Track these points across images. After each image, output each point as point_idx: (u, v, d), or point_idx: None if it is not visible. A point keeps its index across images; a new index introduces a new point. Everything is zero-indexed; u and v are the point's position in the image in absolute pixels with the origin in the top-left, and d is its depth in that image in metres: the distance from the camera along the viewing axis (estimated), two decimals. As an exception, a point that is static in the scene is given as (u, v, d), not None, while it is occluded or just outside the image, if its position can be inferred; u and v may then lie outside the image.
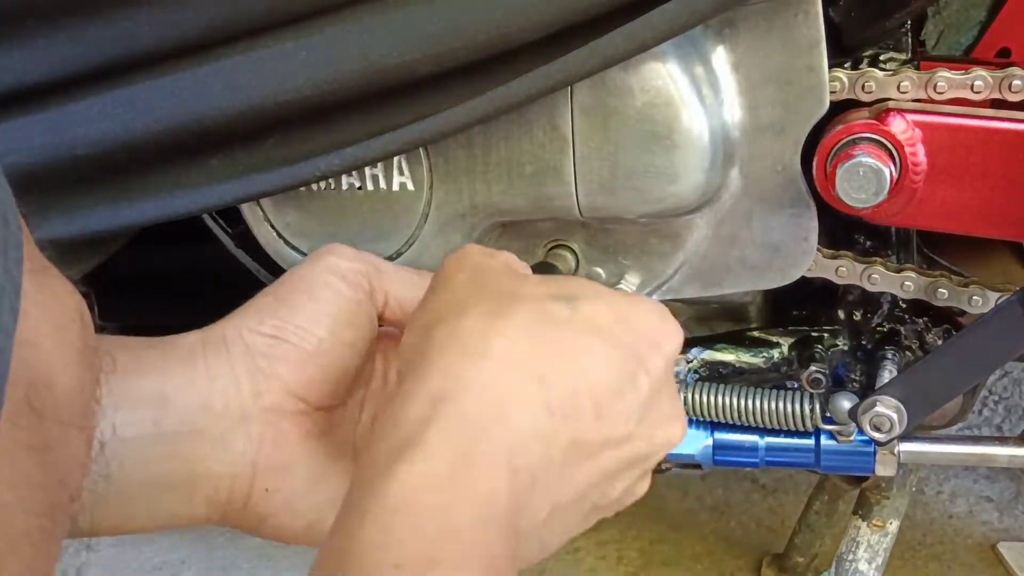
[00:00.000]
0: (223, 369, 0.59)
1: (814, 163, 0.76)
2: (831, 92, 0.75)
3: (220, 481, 0.58)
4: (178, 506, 0.57)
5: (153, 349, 0.60)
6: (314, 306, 0.60)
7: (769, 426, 0.85)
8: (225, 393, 0.58)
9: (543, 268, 0.80)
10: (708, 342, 0.90)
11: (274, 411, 0.59)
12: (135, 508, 0.56)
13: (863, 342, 0.88)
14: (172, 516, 0.57)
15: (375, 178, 0.79)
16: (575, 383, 0.49)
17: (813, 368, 0.84)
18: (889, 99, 0.75)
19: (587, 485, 0.51)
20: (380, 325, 0.63)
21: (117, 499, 0.54)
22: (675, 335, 0.54)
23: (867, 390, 0.85)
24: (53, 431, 0.38)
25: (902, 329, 0.87)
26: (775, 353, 0.89)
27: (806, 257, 0.80)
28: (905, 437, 0.83)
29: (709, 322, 1.02)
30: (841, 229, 0.85)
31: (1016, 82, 0.72)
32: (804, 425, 0.84)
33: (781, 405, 0.84)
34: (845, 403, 0.82)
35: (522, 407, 0.47)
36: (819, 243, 0.80)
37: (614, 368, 0.51)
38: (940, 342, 0.86)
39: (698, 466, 0.88)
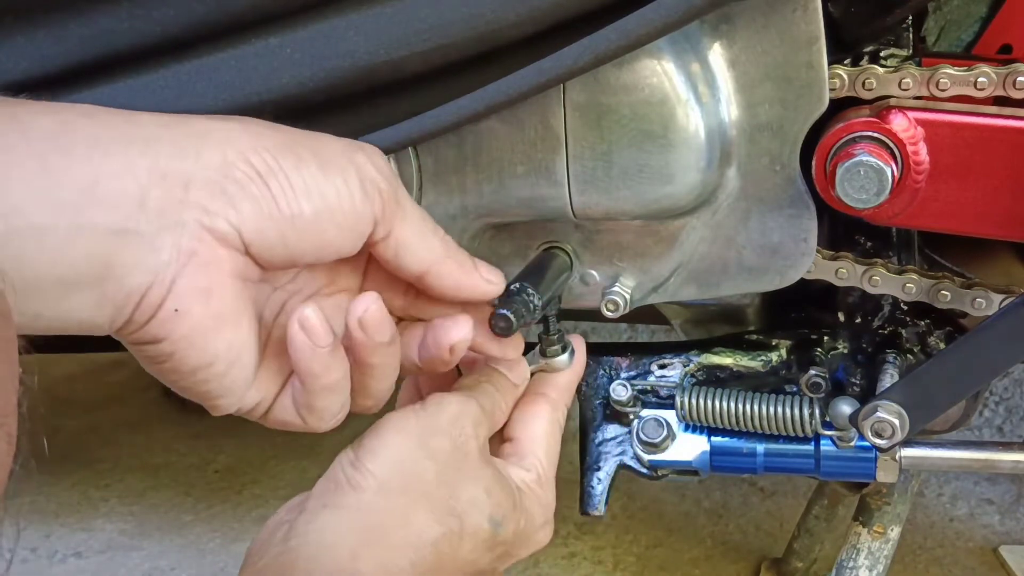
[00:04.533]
0: (181, 164, 0.55)
1: (813, 162, 0.75)
2: (831, 90, 0.73)
3: (134, 288, 0.55)
4: (84, 309, 0.54)
5: (109, 116, 0.55)
6: (317, 183, 0.58)
7: (768, 431, 0.84)
8: (170, 192, 0.55)
9: (541, 260, 0.79)
10: (705, 345, 0.90)
11: (215, 234, 0.56)
12: (37, 306, 0.52)
13: (864, 345, 0.87)
14: (75, 321, 0.54)
15: (363, 178, 0.77)
16: None
17: (812, 372, 0.83)
18: (890, 96, 0.74)
19: None
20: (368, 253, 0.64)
21: (20, 296, 0.50)
22: (547, 537, 0.73)
23: (868, 394, 0.84)
24: None
25: (903, 332, 0.87)
26: (774, 357, 0.88)
27: (805, 259, 0.79)
28: (907, 442, 0.82)
29: (706, 325, 1.01)
30: (841, 230, 0.84)
31: (1020, 79, 0.71)
32: (803, 430, 0.83)
33: (780, 410, 0.83)
34: (845, 408, 0.81)
35: None
36: (818, 244, 0.79)
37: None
38: (942, 345, 0.86)
39: (695, 472, 0.87)
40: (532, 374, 0.75)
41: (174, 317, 0.56)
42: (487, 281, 0.67)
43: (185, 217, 0.55)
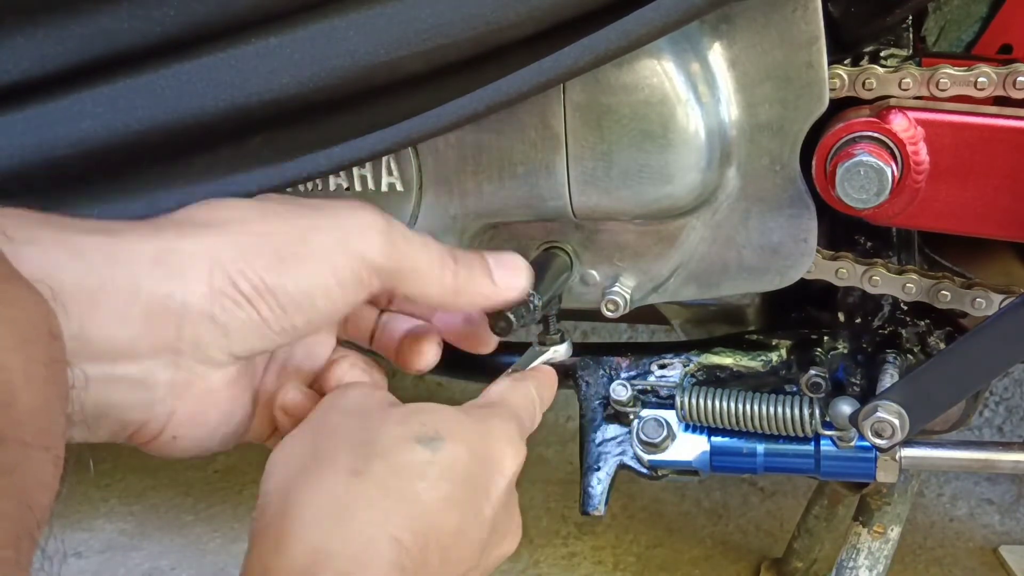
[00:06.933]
0: (169, 301, 0.54)
1: (813, 162, 0.75)
2: (831, 89, 0.73)
3: (130, 422, 0.55)
4: (77, 434, 0.53)
5: (92, 238, 0.53)
6: (308, 293, 0.57)
7: (768, 431, 0.84)
8: (161, 334, 0.54)
9: (542, 260, 0.79)
10: (705, 345, 0.89)
11: (208, 363, 0.56)
12: None
13: (864, 345, 0.87)
14: (67, 440, 0.52)
15: (363, 178, 0.78)
16: (426, 538, 0.53)
17: (812, 372, 0.83)
18: (890, 96, 0.74)
19: None
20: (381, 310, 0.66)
21: None
22: (518, 454, 0.61)
23: (868, 394, 0.84)
24: (14, 453, 0.36)
25: (903, 332, 0.86)
26: (774, 357, 0.88)
27: (805, 258, 0.79)
28: (907, 442, 0.82)
29: (706, 325, 1.01)
30: (841, 230, 0.83)
31: (1020, 79, 0.71)
32: (803, 430, 0.83)
33: (780, 410, 0.83)
34: (845, 408, 0.81)
35: (380, 571, 0.51)
36: (818, 244, 0.79)
37: (464, 510, 0.56)
38: (942, 345, 0.85)
39: (696, 473, 0.87)
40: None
41: (171, 441, 0.57)
42: (509, 288, 0.66)
43: (179, 356, 0.55)
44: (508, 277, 0.65)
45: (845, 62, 0.76)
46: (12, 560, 0.36)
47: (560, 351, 0.74)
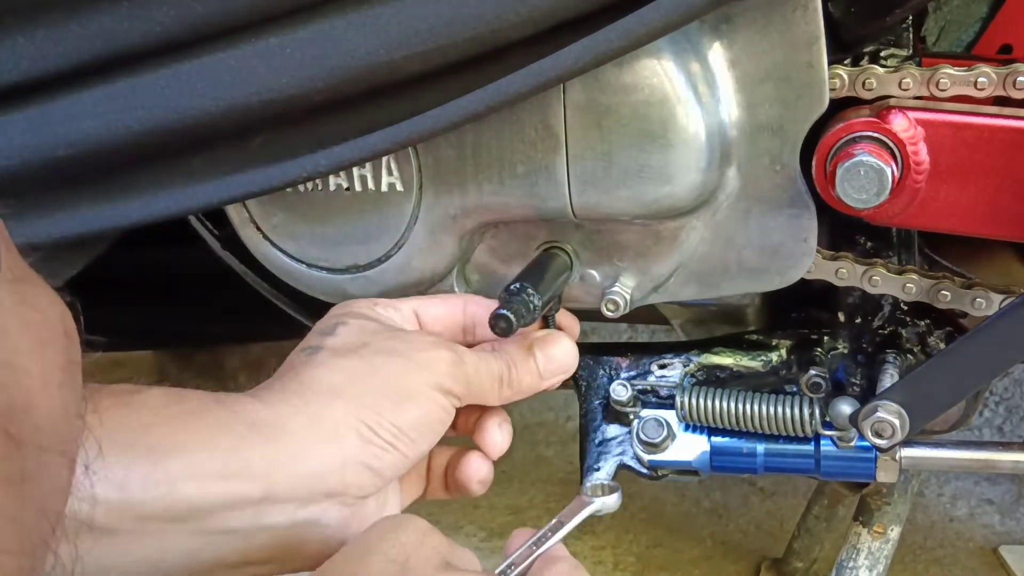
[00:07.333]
0: (333, 463, 0.65)
1: (813, 162, 0.75)
2: (831, 90, 0.73)
3: (310, 557, 0.65)
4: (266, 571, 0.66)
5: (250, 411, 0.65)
6: (423, 420, 0.68)
7: (768, 431, 0.84)
8: (331, 486, 0.65)
9: (542, 260, 0.79)
10: (705, 345, 0.89)
11: (365, 497, 0.67)
12: None
13: (864, 345, 0.87)
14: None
15: (363, 179, 0.78)
16: None
17: (812, 372, 0.83)
18: (890, 96, 0.74)
19: None
20: None
21: None
22: None
23: (868, 394, 0.84)
24: (32, 459, 0.36)
25: (903, 332, 0.86)
26: (774, 356, 0.88)
27: (805, 259, 0.79)
28: (907, 442, 0.82)
29: (706, 325, 1.01)
30: (841, 230, 0.83)
31: (1020, 79, 0.71)
32: (803, 430, 0.83)
33: (780, 410, 0.83)
34: (845, 408, 0.80)
35: None
36: (819, 244, 0.79)
37: None
38: (942, 345, 0.85)
39: (696, 472, 0.87)
40: None
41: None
42: (555, 380, 0.77)
43: (344, 497, 0.66)
44: (554, 371, 0.76)
45: (845, 62, 0.76)
46: (28, 568, 0.35)
47: (609, 503, 0.76)
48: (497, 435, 0.76)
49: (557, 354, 0.76)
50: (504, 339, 0.72)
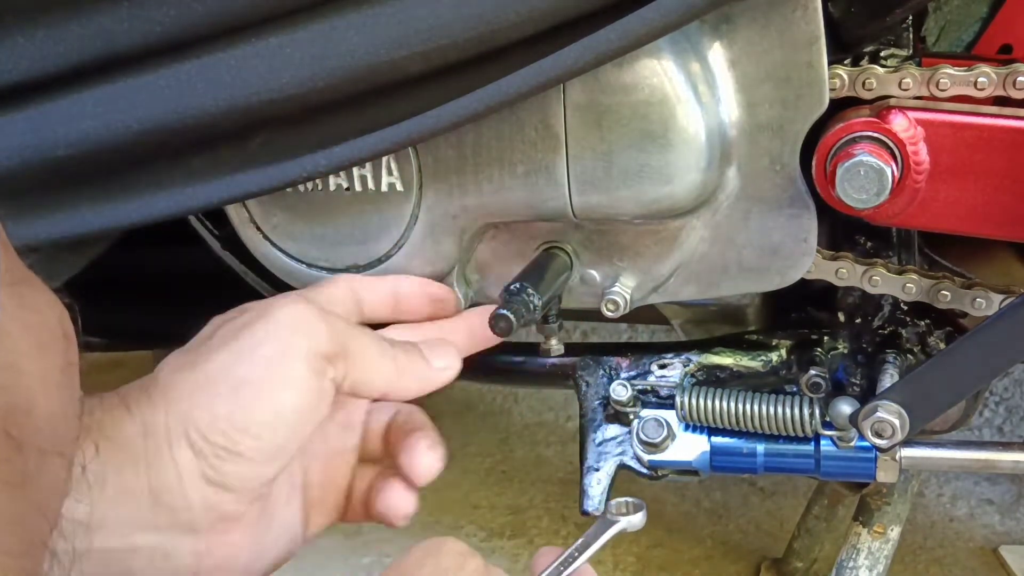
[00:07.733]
0: (168, 480, 0.55)
1: (813, 162, 0.75)
2: (831, 90, 0.73)
3: None
4: None
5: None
6: (273, 409, 0.57)
7: (768, 431, 0.84)
8: (172, 507, 0.55)
9: (542, 260, 0.78)
10: (705, 345, 0.89)
11: (225, 519, 0.57)
12: None
13: (864, 345, 0.87)
14: None
15: (363, 179, 0.78)
16: None
17: (812, 372, 0.83)
18: (890, 96, 0.74)
19: None
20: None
21: None
22: None
23: (868, 394, 0.84)
24: (32, 461, 0.36)
25: (903, 332, 0.86)
26: (774, 356, 0.88)
27: (805, 259, 0.79)
28: (907, 442, 0.82)
29: (706, 325, 1.01)
30: (841, 230, 0.83)
31: (1020, 79, 0.71)
32: (803, 430, 0.83)
33: (780, 410, 0.83)
34: (845, 408, 0.81)
35: None
36: (819, 244, 0.79)
37: None
38: (942, 345, 0.85)
39: (696, 473, 0.87)
40: None
41: None
42: (446, 368, 0.67)
43: (192, 524, 0.57)
44: (442, 358, 0.66)
45: (845, 62, 0.76)
46: (28, 568, 0.35)
47: (635, 521, 0.69)
48: (425, 459, 0.66)
49: (436, 342, 0.68)
50: None
